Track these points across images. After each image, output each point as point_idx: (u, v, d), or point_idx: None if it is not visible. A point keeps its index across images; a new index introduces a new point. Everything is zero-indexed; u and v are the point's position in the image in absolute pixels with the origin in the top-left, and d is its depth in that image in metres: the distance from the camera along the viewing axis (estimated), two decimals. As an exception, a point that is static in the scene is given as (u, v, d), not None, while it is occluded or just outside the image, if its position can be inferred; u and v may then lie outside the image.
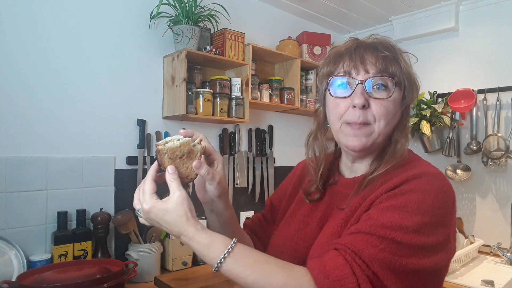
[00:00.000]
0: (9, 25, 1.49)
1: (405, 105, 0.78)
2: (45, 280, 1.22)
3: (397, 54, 0.76)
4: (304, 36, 2.47)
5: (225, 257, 0.64)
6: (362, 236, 0.64)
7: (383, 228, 0.64)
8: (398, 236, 0.63)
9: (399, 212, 0.65)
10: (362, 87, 0.73)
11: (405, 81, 0.76)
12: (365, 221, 0.67)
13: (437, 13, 2.43)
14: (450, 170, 2.35)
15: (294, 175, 0.99)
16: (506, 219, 2.14)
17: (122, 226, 1.65)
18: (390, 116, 0.75)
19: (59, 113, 1.62)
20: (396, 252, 0.62)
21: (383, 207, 0.68)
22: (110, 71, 1.77)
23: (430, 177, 0.70)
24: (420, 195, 0.67)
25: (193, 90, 1.88)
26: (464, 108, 2.24)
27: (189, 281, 1.57)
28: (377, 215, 0.66)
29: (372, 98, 0.74)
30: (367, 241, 0.63)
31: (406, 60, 0.78)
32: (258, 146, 2.37)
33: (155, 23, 1.90)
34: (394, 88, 0.74)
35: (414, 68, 0.82)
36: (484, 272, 1.82)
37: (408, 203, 0.66)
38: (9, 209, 1.47)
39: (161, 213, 0.67)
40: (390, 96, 0.74)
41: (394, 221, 0.64)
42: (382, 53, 0.74)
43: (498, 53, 2.23)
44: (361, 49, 0.76)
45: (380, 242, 0.63)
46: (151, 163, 1.87)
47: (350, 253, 0.63)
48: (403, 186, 0.69)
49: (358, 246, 0.63)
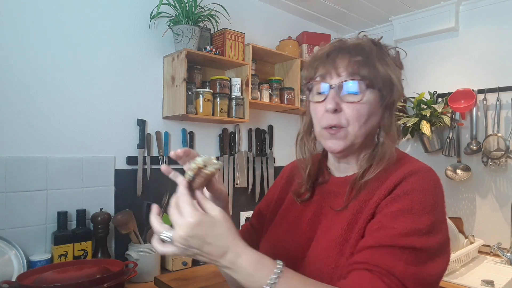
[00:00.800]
0: (9, 25, 1.49)
1: (385, 105, 0.78)
2: (45, 280, 1.22)
3: (371, 56, 0.76)
4: (304, 36, 2.47)
5: (279, 276, 0.59)
6: (386, 250, 0.64)
7: (401, 237, 0.64)
8: (417, 242, 0.64)
9: (409, 215, 0.66)
10: (334, 91, 0.74)
11: (379, 82, 0.75)
12: (379, 230, 0.67)
13: (437, 13, 2.43)
14: (450, 170, 2.35)
15: (282, 178, 0.98)
16: (506, 219, 2.14)
17: (122, 226, 1.65)
18: (364, 118, 0.75)
19: (59, 113, 1.62)
20: (419, 260, 0.63)
21: (391, 212, 0.68)
22: (110, 71, 1.77)
23: (425, 174, 0.72)
24: (421, 194, 0.68)
25: (193, 90, 1.88)
26: (464, 108, 2.24)
27: (189, 281, 1.57)
28: (390, 223, 0.66)
29: (345, 102, 0.74)
30: (393, 256, 0.63)
31: (387, 62, 0.78)
32: (258, 146, 2.37)
33: (155, 23, 1.90)
34: (367, 90, 0.74)
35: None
36: (484, 272, 1.82)
37: (414, 204, 0.67)
38: (9, 209, 1.47)
39: (211, 226, 0.60)
40: (362, 99, 0.74)
41: (408, 227, 0.65)
42: (355, 57, 0.75)
43: (498, 53, 2.23)
44: (334, 54, 0.77)
45: (403, 253, 0.63)
46: (151, 163, 1.88)
47: (386, 274, 0.62)
48: (403, 185, 0.70)
49: (388, 264, 0.63)
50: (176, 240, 0.60)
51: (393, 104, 0.79)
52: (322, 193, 0.84)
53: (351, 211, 0.75)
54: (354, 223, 0.73)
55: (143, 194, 1.84)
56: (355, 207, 0.74)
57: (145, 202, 1.82)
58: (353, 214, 0.74)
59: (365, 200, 0.74)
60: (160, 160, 1.92)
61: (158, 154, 1.92)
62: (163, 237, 0.61)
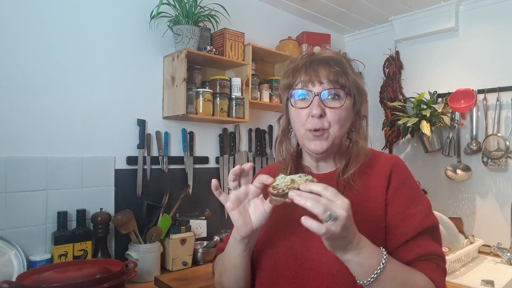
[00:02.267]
0: (9, 25, 1.49)
1: (356, 110, 0.89)
2: (45, 280, 1.22)
3: (346, 67, 0.86)
4: (304, 36, 2.47)
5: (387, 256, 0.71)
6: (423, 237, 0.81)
7: (424, 219, 0.81)
8: (433, 220, 0.83)
9: (415, 200, 0.84)
10: (318, 98, 0.83)
11: (354, 90, 0.86)
12: (406, 220, 0.81)
13: (437, 13, 2.43)
14: (450, 170, 2.35)
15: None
16: (506, 219, 2.14)
17: (122, 226, 1.65)
18: (343, 121, 0.86)
19: (59, 113, 1.62)
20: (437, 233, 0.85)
21: (404, 202, 0.83)
22: (110, 71, 1.77)
23: (401, 162, 0.90)
24: (411, 180, 0.88)
25: (193, 90, 1.88)
26: (464, 108, 2.24)
27: (189, 281, 1.57)
28: (409, 211, 0.82)
29: (327, 107, 0.84)
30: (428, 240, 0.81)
31: (355, 71, 0.89)
32: (258, 146, 2.37)
33: (155, 23, 1.90)
34: (345, 97, 0.85)
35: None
36: (484, 272, 1.82)
37: (413, 190, 0.86)
38: (9, 209, 1.47)
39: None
40: (342, 105, 0.84)
41: (422, 209, 0.83)
42: (333, 68, 0.84)
43: (498, 53, 2.23)
44: (315, 64, 0.85)
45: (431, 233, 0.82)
46: (151, 163, 1.88)
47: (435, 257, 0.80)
48: (395, 175, 0.86)
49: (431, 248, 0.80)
50: (341, 219, 0.63)
51: (361, 108, 0.90)
52: None
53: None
54: (361, 210, 0.82)
55: (143, 194, 1.84)
56: (353, 198, 0.77)
57: (145, 202, 1.82)
58: (355, 204, 0.77)
59: (362, 191, 0.85)
60: (160, 160, 1.92)
61: (158, 154, 1.92)
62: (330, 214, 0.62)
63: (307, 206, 0.63)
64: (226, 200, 0.77)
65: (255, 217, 0.77)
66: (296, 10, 2.55)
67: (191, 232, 1.86)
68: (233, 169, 0.76)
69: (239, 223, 0.77)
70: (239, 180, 0.78)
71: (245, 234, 0.78)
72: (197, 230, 1.94)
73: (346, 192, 0.85)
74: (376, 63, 2.72)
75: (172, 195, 1.92)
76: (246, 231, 0.77)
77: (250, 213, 0.78)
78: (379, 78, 2.70)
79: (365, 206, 0.83)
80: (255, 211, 0.77)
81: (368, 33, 2.90)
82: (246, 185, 0.78)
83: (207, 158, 2.14)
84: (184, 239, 1.81)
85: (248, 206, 0.78)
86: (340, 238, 0.64)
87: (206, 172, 2.13)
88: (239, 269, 0.86)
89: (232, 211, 0.77)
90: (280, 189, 0.69)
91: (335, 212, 0.62)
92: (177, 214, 1.91)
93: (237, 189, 0.78)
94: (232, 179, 0.77)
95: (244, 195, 0.78)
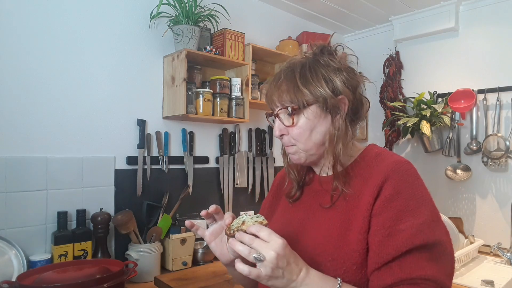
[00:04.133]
0: (9, 25, 1.49)
1: (330, 110, 0.81)
2: (45, 280, 1.22)
3: (295, 80, 0.81)
4: (304, 36, 2.47)
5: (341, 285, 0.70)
6: (410, 258, 0.70)
7: (413, 237, 0.70)
8: (429, 238, 0.71)
9: (408, 214, 0.73)
10: (278, 121, 0.85)
11: (311, 99, 0.79)
12: (391, 236, 0.71)
13: (437, 13, 2.43)
14: (450, 170, 2.35)
15: (273, 186, 1.07)
16: (506, 219, 2.14)
17: (122, 226, 1.65)
18: (307, 134, 0.82)
19: (59, 113, 1.62)
20: (437, 253, 0.72)
21: (393, 216, 0.73)
22: (110, 71, 1.77)
23: (404, 168, 0.77)
24: (409, 189, 0.75)
25: (193, 90, 1.88)
26: (464, 108, 2.24)
27: (189, 281, 1.57)
28: (397, 226, 0.72)
29: (286, 126, 0.83)
30: (416, 261, 0.70)
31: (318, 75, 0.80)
32: (258, 146, 2.37)
33: (155, 23, 1.90)
34: (295, 114, 0.82)
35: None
36: (484, 272, 1.82)
37: (408, 202, 0.74)
38: (9, 209, 1.47)
39: (289, 248, 0.69)
40: (294, 123, 0.82)
41: (414, 225, 0.71)
42: (279, 87, 0.83)
43: (498, 53, 2.23)
44: (270, 88, 0.86)
45: (422, 253, 0.70)
46: (151, 163, 1.88)
47: (422, 282, 0.68)
48: (390, 183, 0.75)
49: (418, 271, 0.69)
50: (269, 260, 0.65)
51: (338, 105, 0.81)
52: (310, 193, 0.92)
53: (341, 208, 0.81)
54: (349, 219, 0.78)
55: (143, 194, 1.84)
56: (345, 205, 0.80)
57: (145, 202, 1.82)
58: (345, 211, 0.79)
59: (354, 197, 0.79)
60: (160, 160, 1.92)
61: (158, 154, 1.92)
62: (255, 257, 0.65)
63: (238, 250, 0.68)
64: (204, 234, 0.85)
65: (229, 249, 0.81)
66: (296, 10, 2.55)
67: (191, 232, 1.86)
68: (202, 213, 0.83)
69: (217, 254, 0.85)
70: (213, 217, 0.85)
71: (225, 262, 0.85)
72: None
73: (340, 198, 0.82)
74: (376, 63, 2.72)
75: (172, 195, 1.92)
76: (226, 260, 0.85)
77: (226, 245, 0.83)
78: (379, 78, 2.70)
79: (353, 215, 0.77)
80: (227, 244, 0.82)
81: (368, 33, 2.90)
82: (220, 220, 0.85)
83: (207, 158, 2.14)
84: (184, 239, 1.81)
85: (224, 238, 0.84)
86: (275, 278, 0.66)
87: (206, 172, 2.13)
88: (241, 279, 0.95)
89: (210, 243, 0.85)
90: (232, 230, 0.73)
91: (262, 254, 0.65)
92: (177, 214, 1.91)
93: (212, 224, 0.86)
94: (205, 217, 0.84)
95: (220, 229, 0.85)
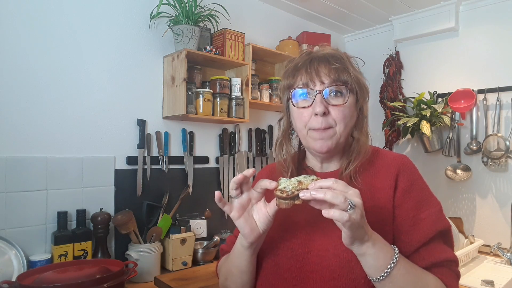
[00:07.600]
0: (9, 26, 1.49)
1: (359, 107, 0.87)
2: (45, 280, 1.22)
3: (346, 64, 0.84)
4: (304, 36, 2.47)
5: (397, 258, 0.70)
6: (436, 243, 0.79)
7: (435, 223, 0.79)
8: (445, 223, 0.81)
9: (426, 203, 0.82)
10: (320, 96, 0.82)
11: (356, 86, 0.84)
12: (416, 225, 0.79)
13: (437, 13, 2.43)
14: (450, 170, 2.35)
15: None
16: (506, 219, 2.14)
17: (122, 226, 1.65)
18: (348, 119, 0.84)
19: (59, 113, 1.62)
20: (450, 236, 0.82)
21: (413, 206, 0.81)
22: (110, 71, 1.77)
23: (409, 162, 0.87)
24: (420, 180, 0.85)
25: (193, 90, 1.88)
26: (464, 108, 2.24)
27: (189, 281, 1.57)
28: (419, 215, 0.80)
29: (331, 105, 0.82)
30: (441, 245, 0.80)
31: (355, 67, 0.86)
32: (258, 146, 2.37)
33: (155, 23, 1.90)
34: (348, 94, 0.83)
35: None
36: (484, 272, 1.82)
37: (423, 192, 0.83)
38: (9, 209, 1.47)
39: None
40: (346, 102, 0.83)
41: (433, 212, 0.81)
42: (334, 65, 0.82)
43: (498, 53, 2.23)
44: (315, 63, 0.83)
45: (443, 237, 0.80)
46: (151, 163, 1.88)
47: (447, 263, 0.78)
48: (403, 176, 0.83)
49: (443, 254, 0.78)
50: (358, 205, 0.64)
51: (363, 105, 0.88)
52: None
53: None
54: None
55: (143, 194, 1.84)
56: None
57: (145, 202, 1.82)
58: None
59: (365, 192, 0.79)
60: (160, 160, 1.92)
61: (158, 154, 1.92)
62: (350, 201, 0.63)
63: (327, 198, 0.63)
64: (231, 209, 0.77)
65: (260, 221, 0.77)
66: (296, 10, 2.55)
67: (191, 232, 1.86)
68: (235, 178, 0.74)
69: (246, 230, 0.77)
70: (241, 187, 0.76)
71: (253, 240, 0.78)
72: (197, 230, 1.94)
73: None
74: (376, 63, 2.72)
75: (172, 195, 1.92)
76: (254, 237, 0.78)
77: (255, 219, 0.78)
78: (379, 78, 2.70)
79: (370, 207, 0.78)
80: (259, 215, 0.77)
81: (368, 33, 2.90)
82: (248, 191, 0.77)
83: (207, 158, 2.14)
84: (184, 239, 1.81)
85: (252, 211, 0.78)
86: (359, 227, 0.65)
87: (206, 172, 2.13)
88: (245, 273, 0.86)
89: (238, 219, 0.77)
90: (289, 191, 0.68)
91: (353, 200, 0.63)
92: (177, 214, 1.91)
93: (239, 196, 0.76)
94: (234, 188, 0.75)
95: (248, 201, 0.77)
